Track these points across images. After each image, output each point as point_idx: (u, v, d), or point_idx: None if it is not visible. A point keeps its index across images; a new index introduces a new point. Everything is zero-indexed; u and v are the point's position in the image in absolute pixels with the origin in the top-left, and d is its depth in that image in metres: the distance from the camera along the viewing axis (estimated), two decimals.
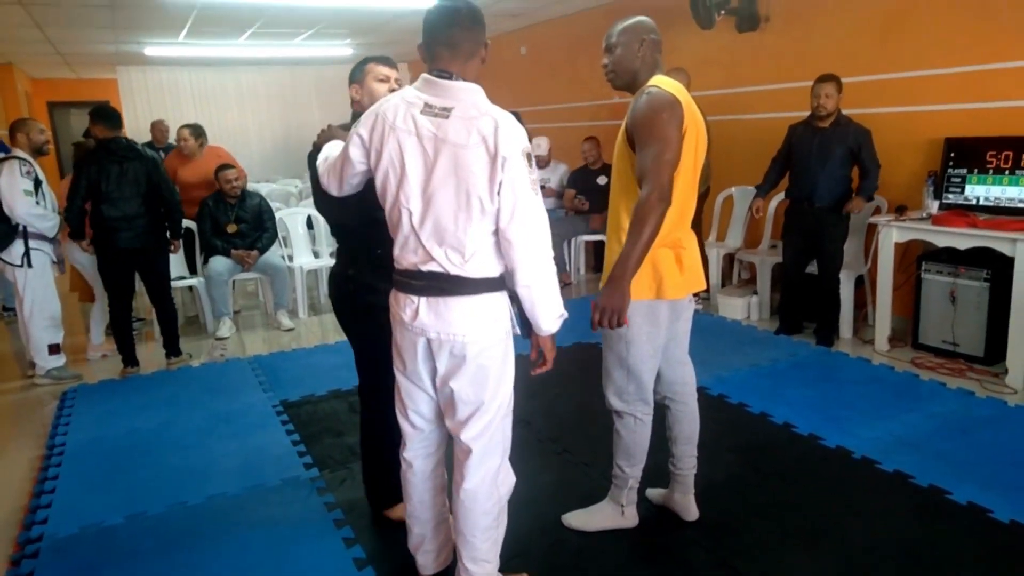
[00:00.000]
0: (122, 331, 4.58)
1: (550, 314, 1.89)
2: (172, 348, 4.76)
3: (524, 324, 1.95)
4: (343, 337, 5.17)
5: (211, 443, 3.49)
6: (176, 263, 5.29)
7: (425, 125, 1.80)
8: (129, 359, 4.62)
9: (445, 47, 1.82)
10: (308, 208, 6.46)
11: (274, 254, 5.61)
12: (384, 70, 2.44)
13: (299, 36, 8.07)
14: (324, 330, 5.53)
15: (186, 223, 5.68)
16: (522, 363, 2.02)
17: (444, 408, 2.01)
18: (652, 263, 2.22)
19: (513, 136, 1.76)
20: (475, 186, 1.76)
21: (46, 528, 2.78)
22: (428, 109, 1.81)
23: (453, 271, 1.84)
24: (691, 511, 2.59)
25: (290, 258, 6.13)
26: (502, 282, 1.90)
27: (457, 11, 1.82)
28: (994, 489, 2.69)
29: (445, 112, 1.79)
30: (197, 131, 5.81)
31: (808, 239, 4.47)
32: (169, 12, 6.16)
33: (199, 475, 3.15)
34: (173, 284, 4.85)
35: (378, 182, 1.91)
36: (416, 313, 1.89)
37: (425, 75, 1.85)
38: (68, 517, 2.85)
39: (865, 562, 2.33)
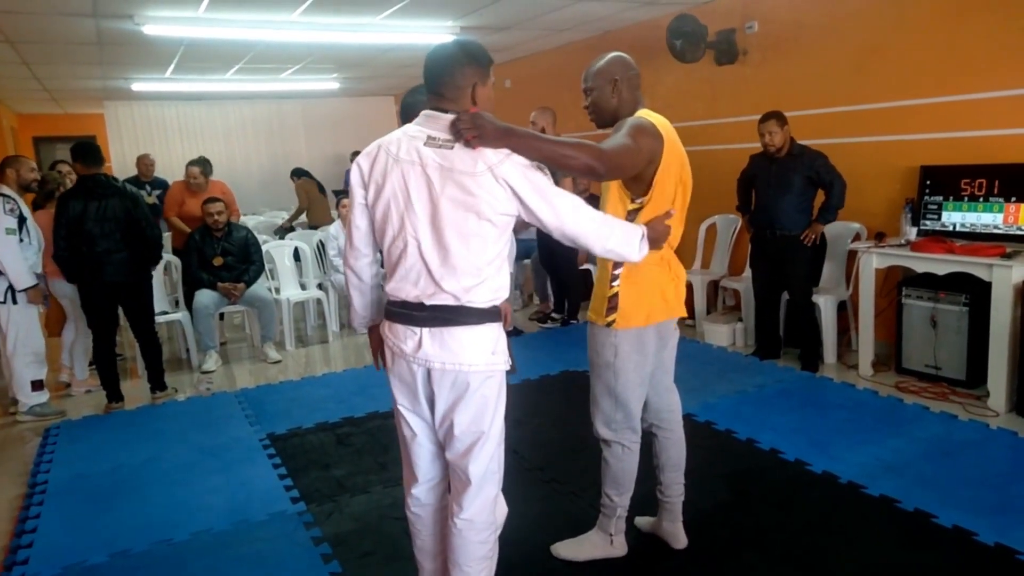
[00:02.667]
0: (106, 366, 4.55)
1: (635, 249, 2.00)
2: (157, 382, 4.73)
3: (512, 358, 1.99)
4: (330, 369, 5.21)
5: (197, 478, 3.45)
6: (159, 298, 5.28)
7: (430, 156, 1.85)
8: (113, 394, 4.59)
9: (437, 87, 1.90)
10: (295, 240, 6.49)
11: (260, 286, 5.60)
12: None
13: (286, 71, 8.16)
14: (311, 362, 5.51)
15: (171, 258, 5.71)
16: (511, 392, 2.04)
17: (444, 439, 2.01)
18: (646, 284, 2.26)
19: (512, 160, 1.83)
20: (485, 211, 1.81)
21: (27, 568, 2.74)
22: (432, 141, 1.86)
23: (463, 299, 1.87)
24: (680, 539, 2.59)
25: (277, 290, 6.13)
26: (498, 314, 1.94)
27: (442, 55, 1.89)
28: (978, 512, 2.71)
29: (449, 143, 1.84)
30: (205, 166, 5.98)
31: (774, 266, 4.57)
32: (157, 49, 6.22)
33: (184, 511, 3.11)
34: (157, 319, 4.83)
35: (378, 214, 1.93)
36: (419, 344, 1.90)
37: (426, 111, 1.91)
38: (50, 557, 2.81)
39: None
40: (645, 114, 2.24)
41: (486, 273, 1.87)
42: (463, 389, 1.90)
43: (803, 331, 4.58)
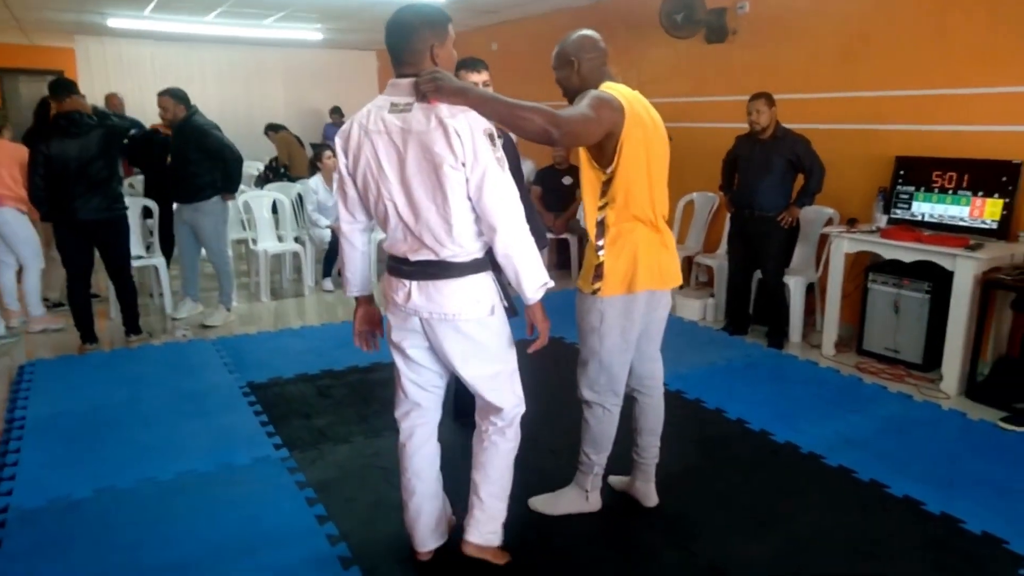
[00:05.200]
0: (81, 306, 4.52)
1: (532, 282, 2.02)
2: (132, 326, 4.71)
3: (511, 302, 2.12)
4: (306, 322, 5.22)
5: (178, 421, 3.49)
6: (134, 242, 5.22)
7: (392, 122, 1.96)
8: (87, 335, 4.57)
9: (398, 54, 2.00)
10: (273, 192, 6.44)
11: (218, 239, 5.18)
12: (473, 77, 2.77)
13: (269, 18, 7.99)
14: (286, 315, 5.53)
15: (148, 201, 5.62)
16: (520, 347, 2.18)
17: (461, 379, 2.17)
18: (631, 253, 2.34)
19: (469, 116, 1.92)
20: (442, 165, 1.91)
21: (11, 500, 2.78)
22: (394, 107, 1.97)
23: (443, 254, 1.99)
24: (651, 498, 2.73)
25: (254, 241, 6.10)
26: (486, 263, 2.06)
27: (397, 22, 1.97)
28: (927, 484, 2.91)
29: (408, 106, 1.95)
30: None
31: (749, 246, 4.71)
32: None
33: (167, 452, 3.16)
34: (132, 263, 4.80)
35: (359, 183, 2.07)
36: (408, 295, 2.06)
37: (391, 80, 2.02)
38: (34, 489, 2.85)
39: (810, 548, 2.50)
40: (608, 87, 2.31)
41: (461, 226, 1.97)
42: (454, 337, 2.06)
43: (772, 309, 4.75)
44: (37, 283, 4.94)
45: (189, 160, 4.86)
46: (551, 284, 2.07)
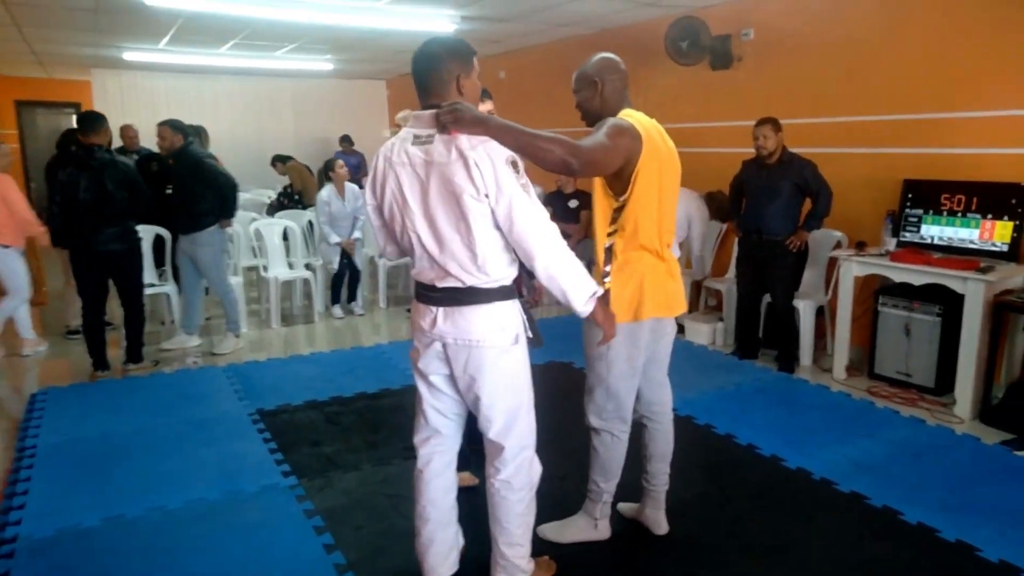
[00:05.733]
0: (95, 335, 4.57)
1: (581, 296, 2.00)
2: (134, 354, 4.76)
3: (537, 332, 2.14)
4: (315, 348, 5.25)
5: (187, 449, 3.50)
6: (146, 269, 5.29)
7: (416, 154, 2.00)
8: (100, 363, 4.61)
9: (424, 85, 2.04)
10: (284, 220, 6.50)
11: (218, 268, 5.18)
12: (479, 106, 2.76)
13: (281, 49, 8.13)
14: (296, 341, 5.55)
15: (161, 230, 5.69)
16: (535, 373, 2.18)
17: (473, 410, 2.17)
18: (637, 281, 2.34)
19: (489, 147, 1.93)
20: (462, 195, 1.92)
21: (20, 529, 2.78)
22: (416, 139, 2.01)
23: (469, 282, 2.01)
24: (661, 525, 2.70)
25: (265, 268, 6.15)
26: (512, 291, 2.08)
27: (424, 53, 2.02)
28: (941, 511, 2.86)
29: (430, 138, 1.98)
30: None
31: (758, 270, 4.71)
32: (154, 19, 6.17)
33: (176, 480, 3.17)
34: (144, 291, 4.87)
35: (386, 215, 2.13)
36: (434, 322, 2.07)
37: (415, 112, 2.05)
38: (43, 519, 2.85)
39: None
40: (627, 114, 2.32)
41: (486, 254, 1.98)
42: (479, 364, 2.05)
43: (782, 333, 4.72)
44: (17, 309, 5.04)
45: (187, 188, 4.93)
46: (600, 292, 2.05)
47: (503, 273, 2.04)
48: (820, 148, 4.78)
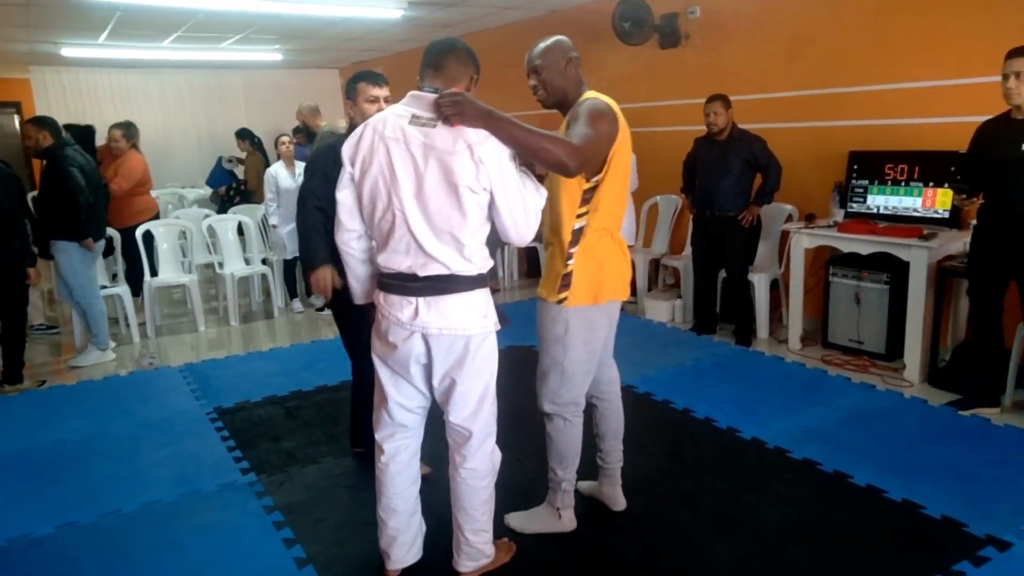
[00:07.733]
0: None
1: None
2: (11, 375, 4.38)
3: (502, 311, 2.18)
4: (275, 344, 5.19)
5: (143, 451, 3.45)
6: (100, 270, 5.17)
7: (413, 134, 1.95)
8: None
9: (432, 68, 2.04)
10: (239, 215, 6.39)
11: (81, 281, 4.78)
12: (374, 91, 2.74)
13: (226, 41, 7.95)
14: (257, 337, 5.49)
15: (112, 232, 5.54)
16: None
17: (442, 398, 2.16)
18: (597, 264, 2.33)
19: (495, 143, 1.93)
20: (464, 188, 1.91)
21: None
22: (416, 120, 1.96)
23: (454, 268, 1.99)
24: (619, 502, 2.74)
25: (220, 265, 6.05)
26: (486, 280, 2.09)
27: (451, 43, 2.08)
28: (889, 472, 2.96)
29: (432, 122, 1.94)
30: (128, 130, 5.86)
31: (713, 246, 4.78)
32: (90, 13, 5.99)
33: (132, 483, 3.12)
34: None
35: (366, 190, 2.03)
36: (416, 312, 2.03)
37: (413, 92, 2.02)
38: None
39: (777, 542, 2.53)
40: (595, 95, 2.29)
41: (472, 244, 1.99)
42: (462, 352, 2.05)
43: (738, 308, 4.80)
44: None
45: (47, 193, 4.56)
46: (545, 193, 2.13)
47: (486, 262, 2.06)
48: (768, 124, 4.84)
